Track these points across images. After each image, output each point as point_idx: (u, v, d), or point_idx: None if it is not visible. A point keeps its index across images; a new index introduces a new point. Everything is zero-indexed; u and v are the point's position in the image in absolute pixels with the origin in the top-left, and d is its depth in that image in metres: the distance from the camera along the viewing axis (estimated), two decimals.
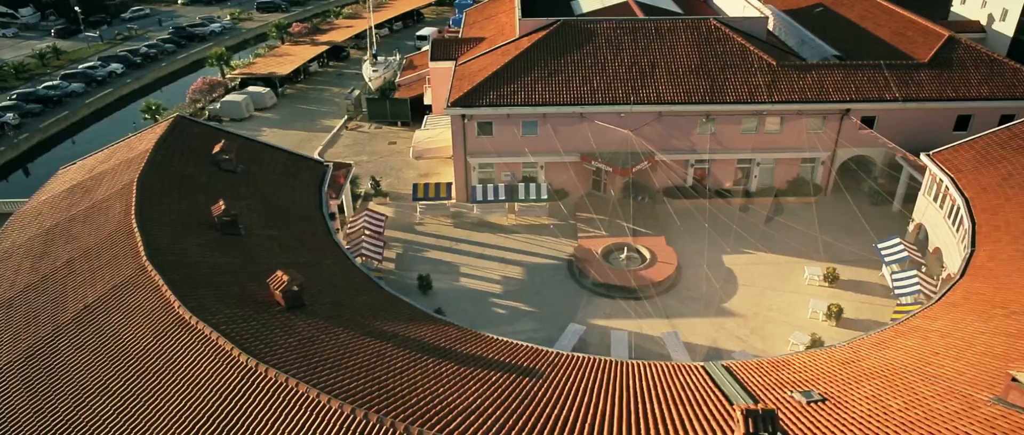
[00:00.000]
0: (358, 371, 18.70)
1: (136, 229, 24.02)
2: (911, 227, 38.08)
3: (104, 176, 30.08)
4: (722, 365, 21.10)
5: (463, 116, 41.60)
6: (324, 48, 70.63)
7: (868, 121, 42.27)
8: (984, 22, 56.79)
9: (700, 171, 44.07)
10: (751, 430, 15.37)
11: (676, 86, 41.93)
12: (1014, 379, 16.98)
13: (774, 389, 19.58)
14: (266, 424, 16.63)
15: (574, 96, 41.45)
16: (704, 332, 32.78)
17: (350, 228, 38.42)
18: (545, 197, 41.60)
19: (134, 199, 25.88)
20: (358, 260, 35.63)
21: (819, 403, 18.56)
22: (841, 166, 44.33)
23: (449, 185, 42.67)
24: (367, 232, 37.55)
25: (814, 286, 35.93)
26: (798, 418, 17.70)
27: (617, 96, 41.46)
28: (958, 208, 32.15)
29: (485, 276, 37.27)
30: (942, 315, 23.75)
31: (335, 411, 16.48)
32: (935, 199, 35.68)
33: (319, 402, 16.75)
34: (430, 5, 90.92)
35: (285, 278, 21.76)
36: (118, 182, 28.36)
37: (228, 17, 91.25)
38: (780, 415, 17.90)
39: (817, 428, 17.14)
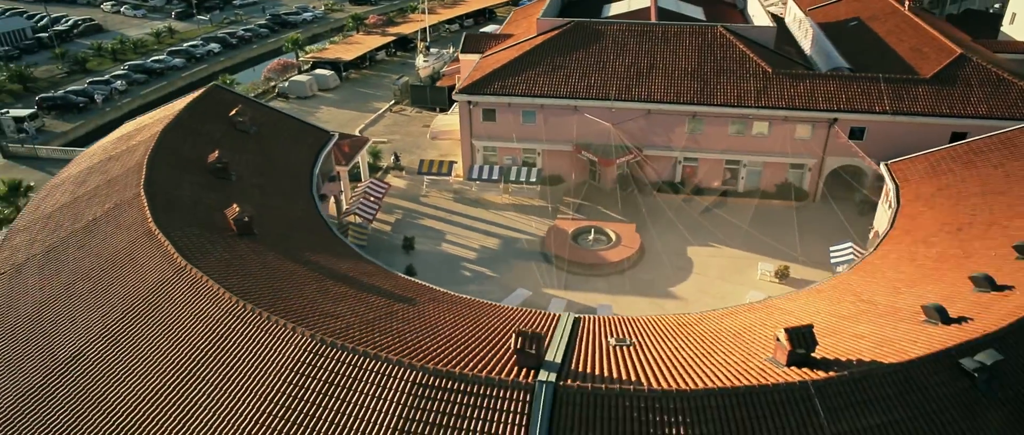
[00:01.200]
0: (265, 281, 23.72)
1: (144, 167, 30.20)
2: (871, 234, 39.13)
3: (145, 128, 36.89)
4: (573, 315, 24.53)
5: (469, 102, 46.21)
6: (391, 39, 77.16)
7: (859, 132, 43.33)
8: None
9: (689, 168, 46.49)
10: (519, 346, 19.11)
11: (668, 87, 44.66)
12: (777, 338, 19.66)
13: (602, 336, 22.91)
14: (182, 307, 21.91)
15: (570, 90, 45.07)
16: (641, 309, 35.66)
17: (356, 192, 43.92)
18: (534, 180, 45.50)
19: (152, 145, 32.20)
20: (353, 218, 41.15)
21: (626, 347, 21.81)
22: (836, 174, 45.47)
23: (452, 163, 47.35)
24: (369, 197, 42.89)
25: (765, 281, 37.90)
26: (597, 353, 21.07)
27: (609, 93, 44.71)
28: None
29: (465, 244, 41.67)
30: (801, 297, 26.02)
31: (227, 301, 21.49)
32: (888, 207, 36.79)
33: (219, 295, 21.81)
34: (504, 4, 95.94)
35: (237, 209, 27.17)
36: (149, 132, 34.95)
37: (322, 7, 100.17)
38: (586, 353, 21.33)
39: (605, 360, 20.48)
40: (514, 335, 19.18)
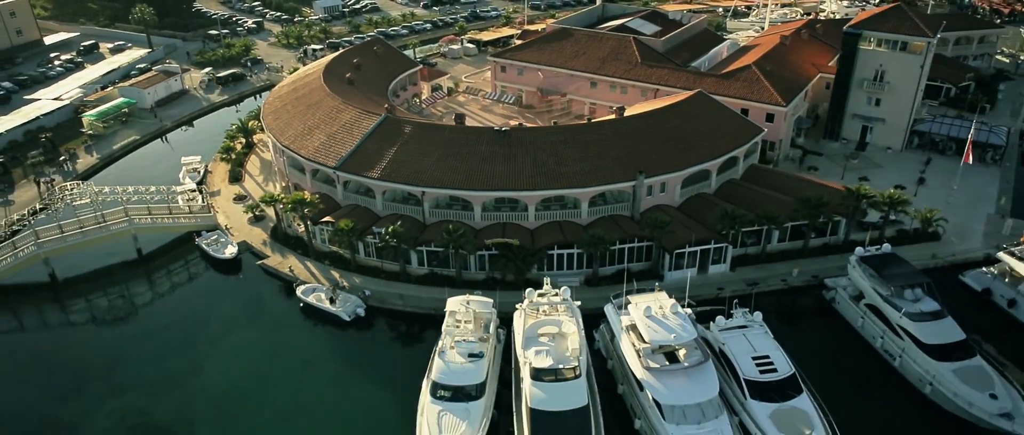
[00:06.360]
0: (342, 91, 72.73)
1: (327, 62, 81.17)
2: None
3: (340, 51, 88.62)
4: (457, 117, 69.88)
5: (495, 60, 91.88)
6: (519, 31, 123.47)
7: None
8: None
9: (593, 107, 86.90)
10: (385, 108, 65.78)
11: (584, 63, 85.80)
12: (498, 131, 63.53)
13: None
14: (329, 106, 71.73)
15: (535, 60, 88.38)
16: None
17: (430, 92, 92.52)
18: (513, 102, 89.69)
19: (335, 55, 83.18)
20: (421, 104, 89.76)
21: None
22: None
23: (480, 89, 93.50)
24: (434, 96, 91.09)
25: None
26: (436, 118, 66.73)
27: (552, 62, 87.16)
28: None
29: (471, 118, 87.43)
30: None
31: (327, 91, 70.75)
32: None
33: (326, 91, 71.13)
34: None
35: (349, 74, 76.86)
36: (338, 53, 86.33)
37: (511, 8, 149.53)
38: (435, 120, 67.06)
39: (434, 119, 66.10)
40: (386, 109, 65.86)
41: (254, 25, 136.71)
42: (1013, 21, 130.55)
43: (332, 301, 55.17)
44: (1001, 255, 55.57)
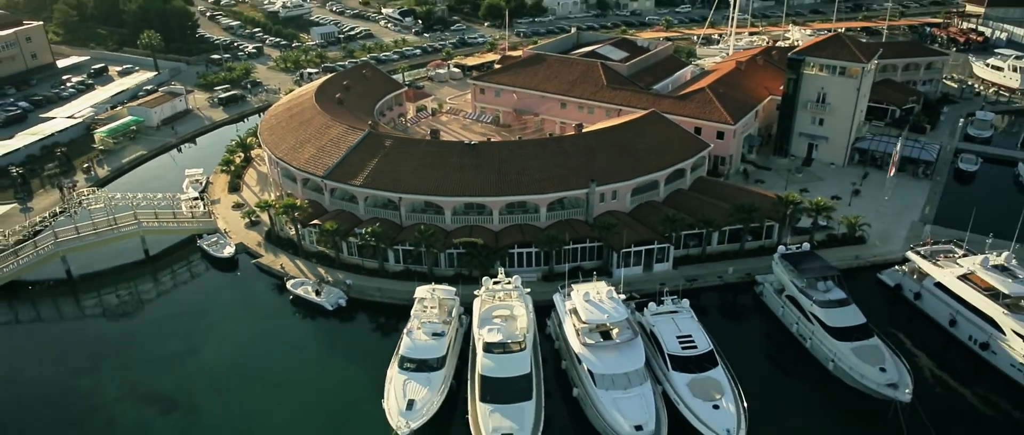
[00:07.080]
0: (332, 109, 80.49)
1: (318, 84, 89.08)
2: None
3: (333, 74, 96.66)
4: (434, 132, 77.53)
5: (475, 83, 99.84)
6: (500, 56, 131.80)
7: None
8: None
9: (562, 126, 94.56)
10: (370, 124, 73.47)
11: (555, 86, 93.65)
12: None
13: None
14: (319, 123, 79.45)
15: (510, 83, 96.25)
16: None
17: (416, 112, 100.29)
18: (490, 121, 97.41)
19: (326, 78, 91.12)
20: (408, 123, 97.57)
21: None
22: None
23: (461, 109, 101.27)
24: (418, 117, 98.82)
25: None
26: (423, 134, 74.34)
27: (526, 85, 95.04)
28: None
29: (450, 135, 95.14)
30: None
31: (317, 109, 78.50)
32: None
33: (317, 108, 78.90)
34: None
35: (339, 94, 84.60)
36: (330, 75, 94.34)
37: (498, 37, 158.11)
38: (419, 136, 74.69)
39: (422, 135, 73.71)
40: (369, 125, 73.47)
41: (254, 50, 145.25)
42: (968, 50, 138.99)
43: (318, 293, 62.29)
44: (909, 254, 62.78)
